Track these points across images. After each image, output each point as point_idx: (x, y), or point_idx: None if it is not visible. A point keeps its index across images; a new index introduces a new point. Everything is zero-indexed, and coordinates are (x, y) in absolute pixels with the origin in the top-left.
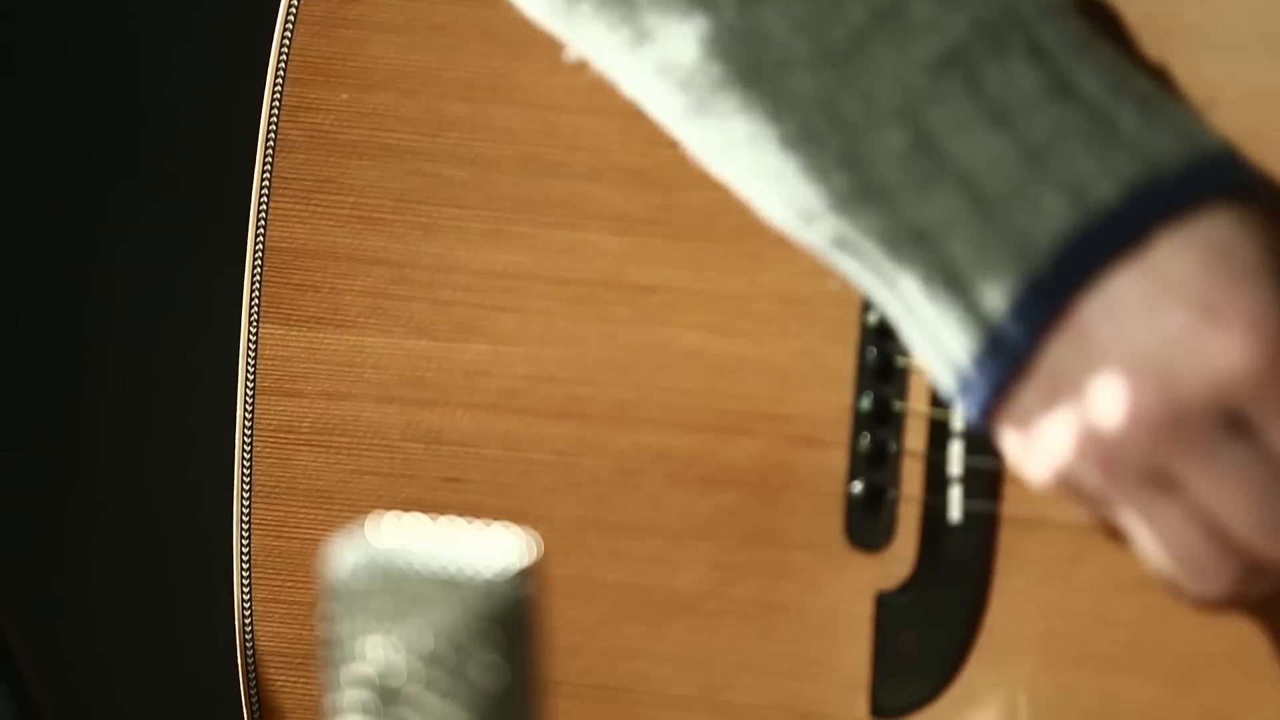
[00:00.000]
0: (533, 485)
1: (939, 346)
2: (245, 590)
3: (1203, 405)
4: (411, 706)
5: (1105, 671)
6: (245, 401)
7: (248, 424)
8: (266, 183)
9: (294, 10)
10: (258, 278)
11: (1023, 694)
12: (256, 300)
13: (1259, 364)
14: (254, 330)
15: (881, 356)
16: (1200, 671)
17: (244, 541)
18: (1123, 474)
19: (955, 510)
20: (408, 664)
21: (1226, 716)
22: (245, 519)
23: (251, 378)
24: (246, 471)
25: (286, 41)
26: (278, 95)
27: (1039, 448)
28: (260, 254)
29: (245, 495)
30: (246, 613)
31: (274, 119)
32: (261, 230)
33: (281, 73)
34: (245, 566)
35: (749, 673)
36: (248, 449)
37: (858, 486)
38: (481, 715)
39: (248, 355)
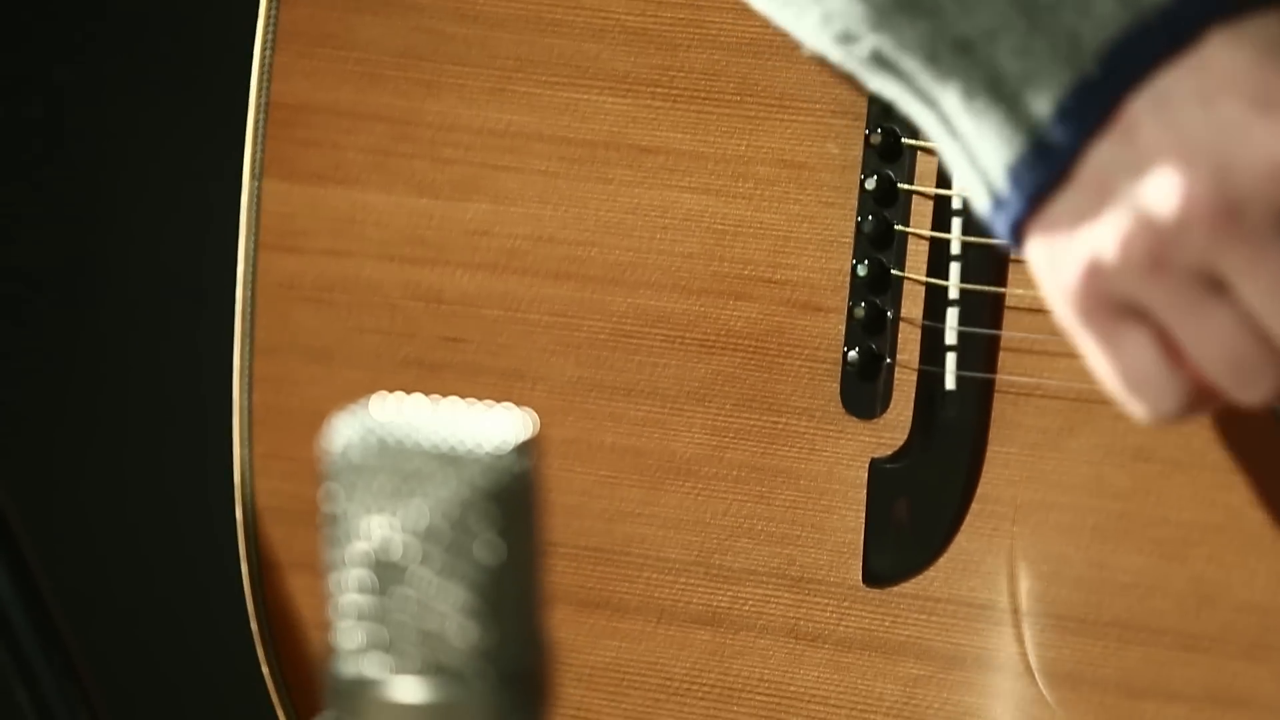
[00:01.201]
0: (531, 346)
1: (975, 161)
2: (245, 445)
3: (1259, 193)
4: (411, 584)
5: (1097, 541)
6: (247, 257)
7: (249, 280)
8: (270, 37)
9: None
10: (261, 133)
11: (1014, 562)
12: (259, 155)
13: None
14: (256, 185)
15: (880, 222)
16: (1192, 543)
17: (244, 397)
18: (1171, 272)
19: (950, 379)
20: (406, 541)
21: (1218, 587)
22: (246, 374)
23: (253, 233)
24: (248, 327)
25: None
26: None
27: (1075, 254)
28: (263, 109)
29: (246, 351)
30: (246, 468)
31: None
32: (265, 85)
33: None
34: (245, 422)
35: (743, 537)
36: (249, 305)
37: (854, 353)
38: (481, 592)
39: (250, 211)
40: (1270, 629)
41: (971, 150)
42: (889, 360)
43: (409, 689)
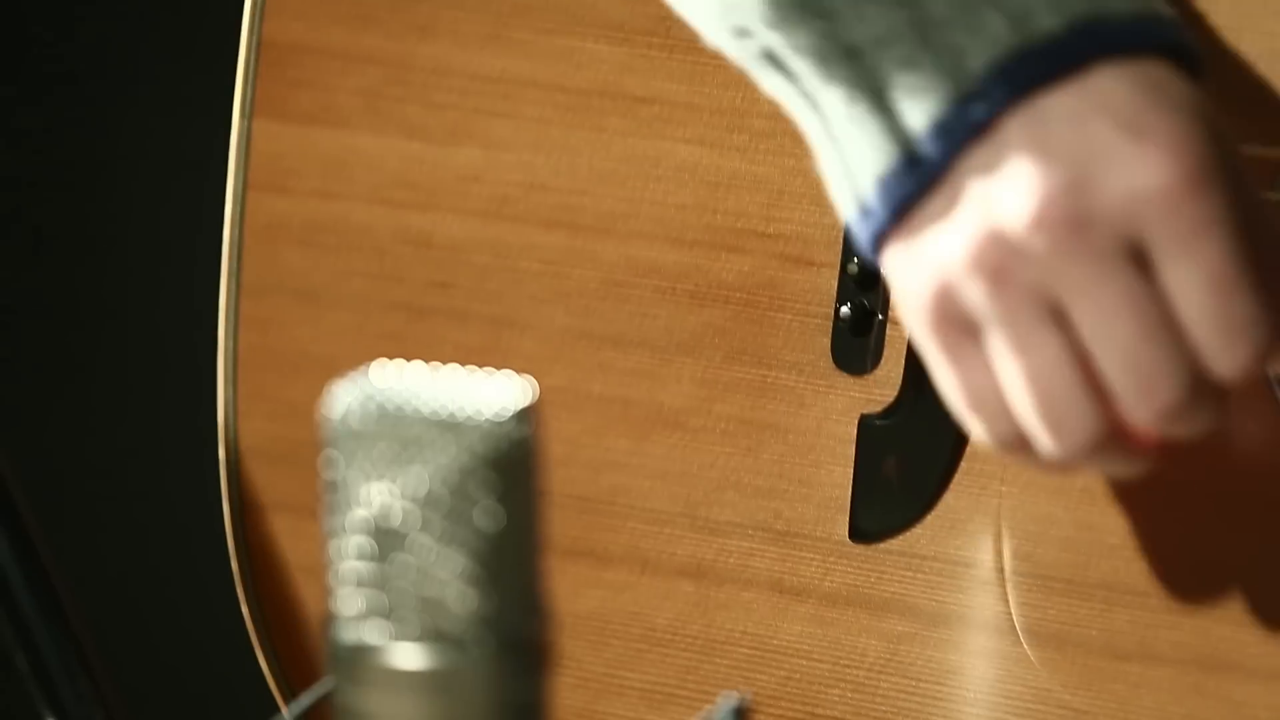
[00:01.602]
0: (521, 293)
1: (848, 168)
2: (229, 386)
3: (1110, 215)
4: (411, 551)
5: (1085, 502)
6: (235, 197)
7: (237, 220)
8: None
9: None
10: (252, 72)
11: (1001, 522)
12: (250, 95)
13: (1173, 183)
14: (246, 125)
15: None
16: (1181, 505)
17: (230, 337)
18: (1012, 286)
19: None
20: (406, 508)
21: (1206, 550)
22: (232, 315)
23: (242, 173)
24: (234, 267)
25: None
26: None
27: (925, 261)
28: (254, 48)
29: (232, 291)
30: (230, 408)
31: None
32: (256, 24)
33: None
34: (230, 362)
35: (730, 490)
36: (236, 245)
37: (846, 309)
38: (480, 558)
39: (239, 150)
40: (1258, 593)
41: (846, 157)
42: (881, 316)
43: (409, 656)
